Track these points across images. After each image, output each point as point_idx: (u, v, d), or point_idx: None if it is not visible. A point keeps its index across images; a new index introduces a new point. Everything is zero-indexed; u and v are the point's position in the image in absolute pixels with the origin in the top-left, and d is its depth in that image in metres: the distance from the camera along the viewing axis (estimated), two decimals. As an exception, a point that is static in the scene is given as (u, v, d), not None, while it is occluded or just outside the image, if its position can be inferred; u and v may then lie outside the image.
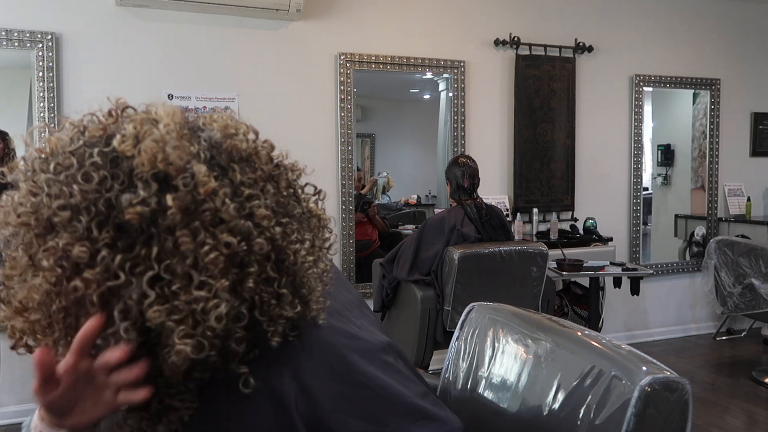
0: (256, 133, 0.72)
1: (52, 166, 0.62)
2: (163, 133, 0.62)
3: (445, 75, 3.81)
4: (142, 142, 0.61)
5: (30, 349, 0.66)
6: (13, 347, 0.66)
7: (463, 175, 2.92)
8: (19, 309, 0.63)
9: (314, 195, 0.76)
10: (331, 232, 0.76)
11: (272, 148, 0.72)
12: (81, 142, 0.63)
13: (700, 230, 4.49)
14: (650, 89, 4.32)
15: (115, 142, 0.62)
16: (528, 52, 3.87)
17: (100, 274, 0.59)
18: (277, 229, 0.65)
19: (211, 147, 0.65)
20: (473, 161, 2.99)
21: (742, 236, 4.00)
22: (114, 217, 0.59)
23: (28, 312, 0.63)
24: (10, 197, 0.63)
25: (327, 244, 0.75)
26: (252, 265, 0.64)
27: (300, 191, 0.74)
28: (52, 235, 0.60)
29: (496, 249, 2.69)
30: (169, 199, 0.59)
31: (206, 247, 0.60)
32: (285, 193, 0.70)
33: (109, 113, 0.67)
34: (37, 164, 0.64)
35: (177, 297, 0.60)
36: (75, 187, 0.59)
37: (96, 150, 0.61)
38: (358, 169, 4.23)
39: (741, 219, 4.39)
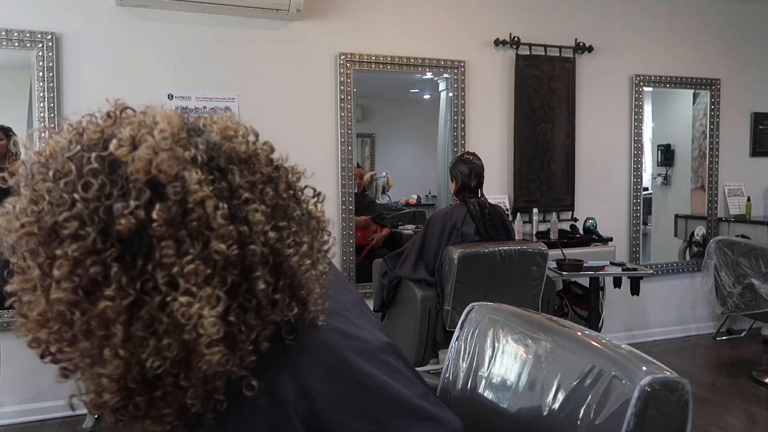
0: (256, 135, 0.71)
1: (51, 173, 0.61)
2: (158, 139, 0.61)
3: (445, 75, 3.80)
4: (137, 148, 0.61)
5: (56, 360, 0.65)
6: (41, 357, 0.65)
7: (469, 173, 2.90)
8: (41, 321, 0.62)
9: (313, 197, 0.76)
10: (329, 235, 0.76)
11: (272, 150, 0.71)
12: (78, 147, 0.63)
13: (700, 230, 4.49)
14: (650, 89, 4.32)
15: (111, 147, 0.61)
16: (528, 52, 3.87)
17: (116, 291, 0.58)
18: (272, 234, 0.65)
19: (210, 149, 0.65)
20: (479, 158, 2.96)
21: (742, 236, 3.99)
22: (115, 229, 0.59)
23: (51, 323, 0.62)
24: (11, 204, 0.63)
25: (326, 247, 0.75)
26: (253, 269, 0.63)
27: (300, 193, 0.73)
28: (56, 243, 0.60)
29: (496, 249, 2.68)
30: (155, 211, 0.58)
31: (189, 257, 0.59)
32: (285, 195, 0.69)
33: (108, 115, 0.66)
34: (36, 169, 0.63)
35: (181, 305, 0.59)
36: (76, 195, 0.59)
37: (94, 155, 0.61)
38: (358, 166, 4.19)
39: (741, 219, 4.38)
